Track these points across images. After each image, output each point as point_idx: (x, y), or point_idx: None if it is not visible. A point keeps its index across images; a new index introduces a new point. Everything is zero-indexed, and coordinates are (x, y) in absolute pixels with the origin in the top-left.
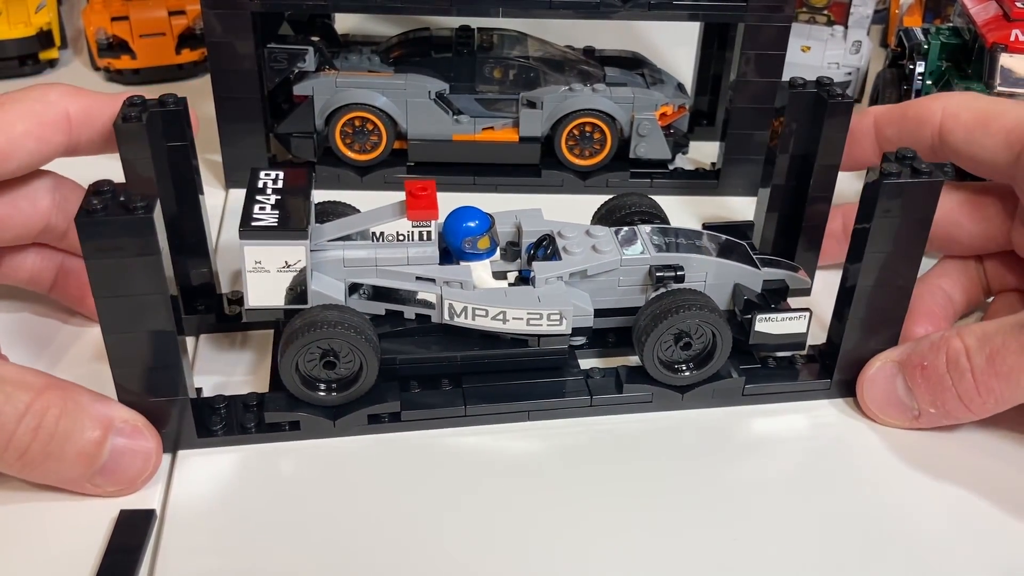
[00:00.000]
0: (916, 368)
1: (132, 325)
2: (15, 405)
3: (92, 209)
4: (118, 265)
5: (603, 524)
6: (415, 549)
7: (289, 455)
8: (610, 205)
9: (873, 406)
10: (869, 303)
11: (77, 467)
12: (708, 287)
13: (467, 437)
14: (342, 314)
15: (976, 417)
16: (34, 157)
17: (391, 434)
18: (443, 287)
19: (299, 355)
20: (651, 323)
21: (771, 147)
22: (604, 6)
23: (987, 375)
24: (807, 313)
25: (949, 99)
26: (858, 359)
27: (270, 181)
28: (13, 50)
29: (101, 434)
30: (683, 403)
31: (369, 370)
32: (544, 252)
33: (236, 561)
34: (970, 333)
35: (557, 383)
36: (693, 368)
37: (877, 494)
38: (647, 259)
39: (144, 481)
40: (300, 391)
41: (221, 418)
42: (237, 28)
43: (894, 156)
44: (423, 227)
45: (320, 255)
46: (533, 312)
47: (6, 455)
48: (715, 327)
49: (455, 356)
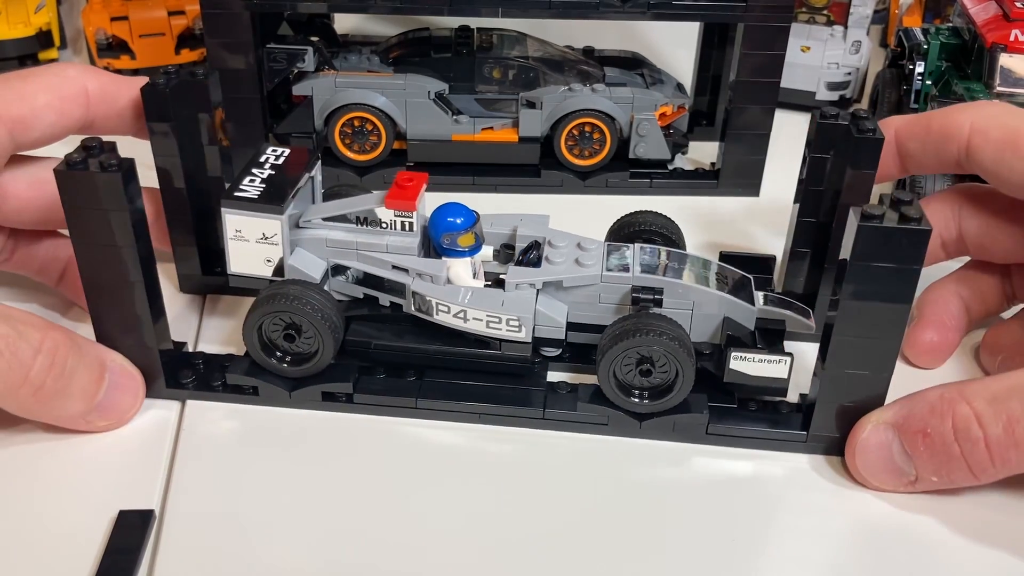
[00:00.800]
0: (917, 434)
1: (104, 272)
2: (29, 342)
3: (72, 162)
4: (91, 216)
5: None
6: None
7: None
8: (623, 221)
9: (866, 472)
10: (850, 354)
11: (80, 403)
12: (695, 316)
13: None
14: (305, 291)
15: (981, 483)
16: (55, 129)
17: (343, 414)
18: (415, 278)
19: (261, 322)
20: (612, 341)
21: (801, 181)
22: (603, 6)
23: (1005, 446)
24: (788, 357)
25: (977, 112)
26: (839, 414)
27: (272, 156)
28: (12, 50)
29: (99, 372)
30: (641, 431)
31: (325, 351)
32: (528, 258)
33: None
34: (976, 396)
35: (516, 391)
36: (647, 397)
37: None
38: (628, 278)
39: (131, 416)
40: (258, 354)
41: (194, 372)
42: (236, 28)
43: (889, 200)
44: (405, 217)
45: (305, 232)
46: (492, 315)
47: (21, 391)
48: (679, 360)
49: (422, 348)
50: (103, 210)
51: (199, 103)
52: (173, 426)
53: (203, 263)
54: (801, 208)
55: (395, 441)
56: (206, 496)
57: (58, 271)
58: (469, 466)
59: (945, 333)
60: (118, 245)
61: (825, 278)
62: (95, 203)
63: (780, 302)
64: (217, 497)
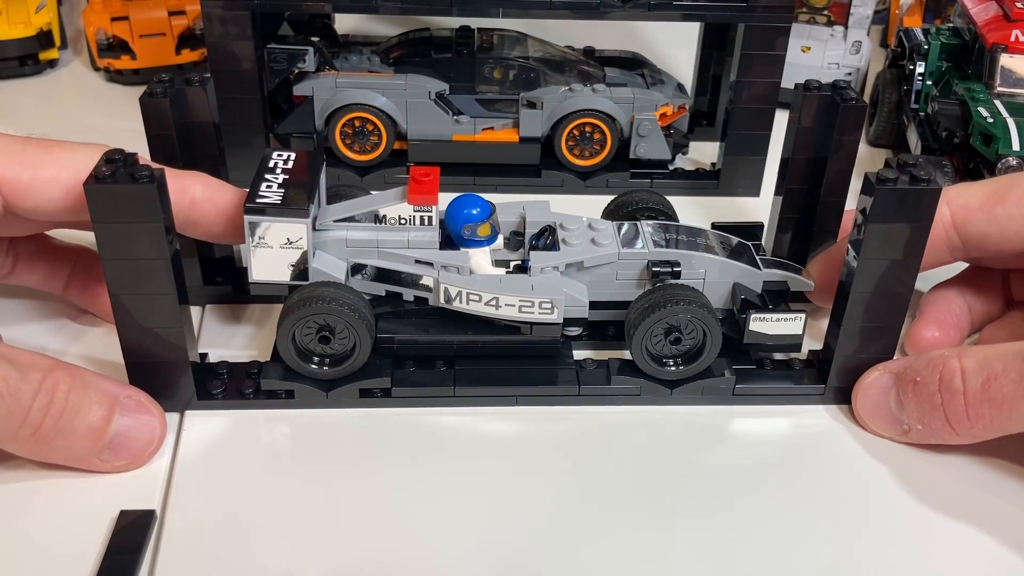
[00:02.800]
0: (909, 383)
1: (135, 287)
2: (29, 383)
3: (101, 176)
4: (122, 229)
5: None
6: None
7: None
8: (619, 201)
9: (864, 414)
10: (865, 310)
11: (86, 442)
12: (707, 285)
13: (455, 417)
14: (338, 291)
15: (962, 441)
16: (56, 206)
17: (381, 409)
18: (440, 271)
19: (295, 327)
20: (641, 315)
21: (785, 151)
22: (604, 6)
23: (979, 400)
24: (802, 314)
25: (948, 194)
26: (854, 366)
27: (281, 161)
28: (13, 50)
29: (108, 409)
30: (672, 398)
31: (362, 348)
32: (544, 242)
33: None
34: (970, 355)
35: (548, 371)
36: (681, 363)
37: (854, 501)
38: (645, 254)
39: (151, 455)
40: (295, 362)
41: (222, 383)
42: (237, 28)
43: (895, 162)
44: (424, 212)
45: (324, 235)
46: (525, 300)
47: (21, 432)
48: (705, 324)
49: (450, 339)
50: (136, 223)
51: (197, 110)
52: (175, 426)
53: (204, 274)
54: (789, 176)
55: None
56: (207, 496)
57: (63, 279)
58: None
59: (947, 330)
60: (151, 258)
61: (815, 238)
62: (127, 216)
63: (779, 264)
64: (218, 497)
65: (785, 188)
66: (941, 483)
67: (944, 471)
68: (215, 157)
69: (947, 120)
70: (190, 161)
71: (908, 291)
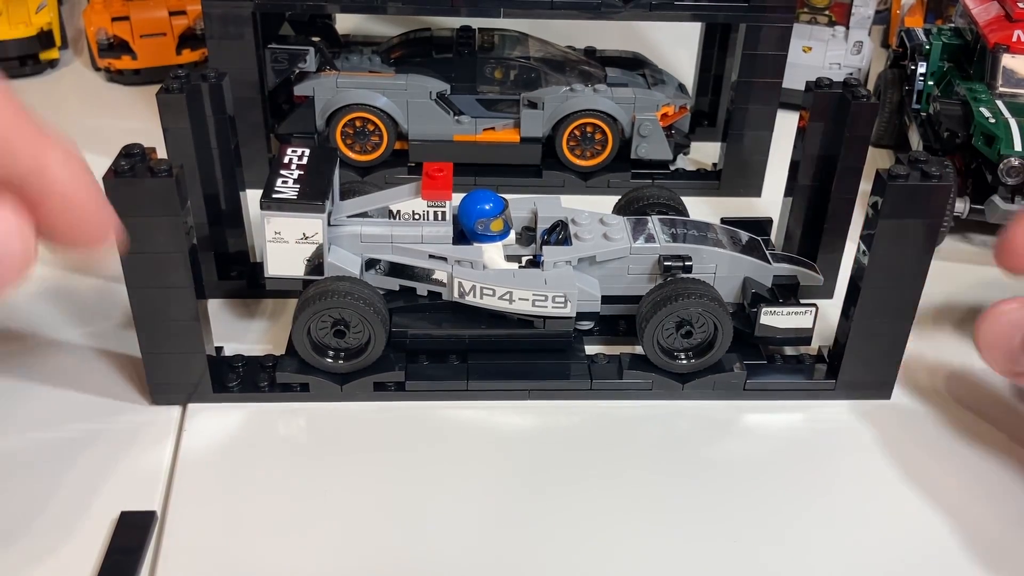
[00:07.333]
0: None
1: (153, 280)
2: None
3: (121, 170)
4: (141, 224)
5: (589, 500)
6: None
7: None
8: (630, 196)
9: (983, 341)
10: (876, 305)
11: None
12: (717, 279)
13: (467, 410)
14: (354, 285)
15: None
16: None
17: (395, 402)
18: (454, 266)
19: (311, 321)
20: (653, 309)
21: (796, 149)
22: (605, 6)
23: None
24: (813, 308)
25: None
26: (865, 362)
27: (296, 157)
28: (14, 50)
29: None
30: (683, 393)
31: (377, 342)
32: (556, 237)
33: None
34: None
35: (560, 365)
36: (692, 357)
37: (866, 496)
38: (656, 248)
39: None
40: (311, 356)
41: (238, 375)
42: (238, 28)
43: (906, 159)
44: (438, 207)
45: (338, 230)
46: (538, 294)
47: None
48: (716, 317)
49: (463, 333)
50: (156, 216)
51: (211, 107)
52: (175, 426)
53: (219, 268)
54: (800, 173)
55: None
56: (208, 497)
57: None
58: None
59: None
60: (170, 252)
61: (826, 235)
62: (147, 210)
63: (789, 259)
64: (219, 498)
65: (796, 186)
66: (952, 478)
67: (955, 466)
68: (231, 152)
69: (949, 120)
70: (206, 157)
71: (919, 286)
